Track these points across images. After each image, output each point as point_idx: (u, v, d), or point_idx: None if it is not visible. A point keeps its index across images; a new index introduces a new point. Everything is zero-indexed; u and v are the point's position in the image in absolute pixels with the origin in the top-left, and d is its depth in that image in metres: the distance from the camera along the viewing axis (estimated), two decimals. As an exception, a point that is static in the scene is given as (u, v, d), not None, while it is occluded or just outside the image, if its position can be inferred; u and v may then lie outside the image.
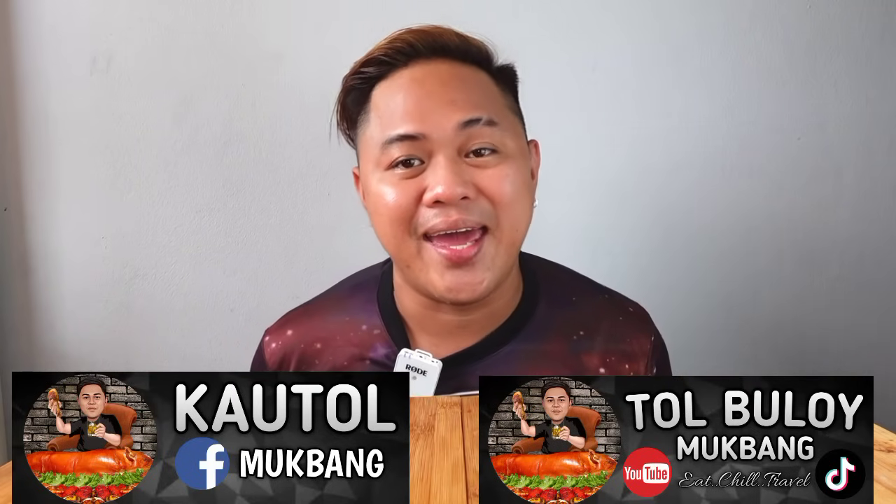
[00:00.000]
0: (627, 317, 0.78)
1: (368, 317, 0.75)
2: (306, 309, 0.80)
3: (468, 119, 0.65)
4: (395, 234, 0.66)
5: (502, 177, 0.65)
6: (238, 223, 1.15)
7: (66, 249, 1.14)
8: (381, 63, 0.69)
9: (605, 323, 0.75)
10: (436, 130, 0.64)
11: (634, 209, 1.18)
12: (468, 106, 0.65)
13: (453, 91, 0.66)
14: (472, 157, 0.66)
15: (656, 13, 1.14)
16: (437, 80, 0.67)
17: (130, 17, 1.11)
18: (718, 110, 1.16)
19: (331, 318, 0.76)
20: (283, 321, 0.79)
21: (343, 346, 0.74)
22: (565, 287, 0.78)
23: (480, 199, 0.65)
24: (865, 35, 1.17)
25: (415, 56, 0.69)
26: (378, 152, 0.67)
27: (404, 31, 0.70)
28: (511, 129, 0.69)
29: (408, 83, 0.67)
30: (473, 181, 0.65)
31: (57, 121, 1.11)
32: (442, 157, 0.64)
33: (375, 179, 0.67)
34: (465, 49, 0.70)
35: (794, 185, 1.19)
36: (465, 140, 0.65)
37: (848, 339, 1.22)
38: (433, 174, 0.64)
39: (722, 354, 1.21)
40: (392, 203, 0.65)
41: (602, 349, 0.74)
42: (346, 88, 0.72)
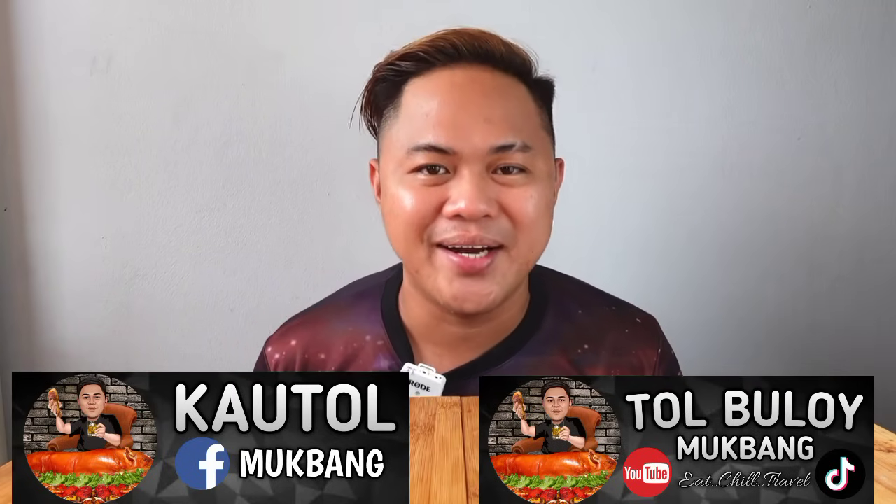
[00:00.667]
0: (634, 328, 0.76)
1: (372, 327, 0.74)
2: (308, 317, 0.78)
3: (503, 144, 0.63)
4: (408, 239, 0.65)
5: (527, 198, 0.64)
6: (238, 223, 1.15)
7: (66, 249, 1.14)
8: (419, 59, 0.66)
9: (611, 335, 0.74)
10: (467, 147, 0.62)
11: (635, 209, 1.18)
12: (504, 128, 0.63)
13: (492, 107, 0.63)
14: (499, 173, 0.64)
15: (656, 13, 1.14)
16: (478, 90, 0.64)
17: (130, 17, 1.11)
18: (718, 110, 1.16)
19: (333, 327, 0.75)
20: (284, 330, 0.78)
21: (346, 356, 0.73)
22: (572, 299, 0.77)
23: (501, 218, 0.63)
24: (865, 35, 1.17)
25: (457, 58, 0.66)
26: (402, 155, 0.64)
27: (449, 30, 0.67)
28: (543, 151, 0.67)
29: (446, 87, 0.65)
30: (498, 199, 0.63)
31: (57, 121, 1.11)
32: (468, 172, 0.62)
33: (395, 180, 0.65)
34: (509, 58, 0.67)
35: (794, 185, 1.19)
36: (496, 159, 0.63)
37: (848, 339, 1.22)
38: (458, 187, 0.62)
39: (722, 354, 1.21)
40: (411, 209, 0.63)
41: (606, 363, 0.73)
42: (376, 78, 0.70)
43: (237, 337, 1.17)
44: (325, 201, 1.15)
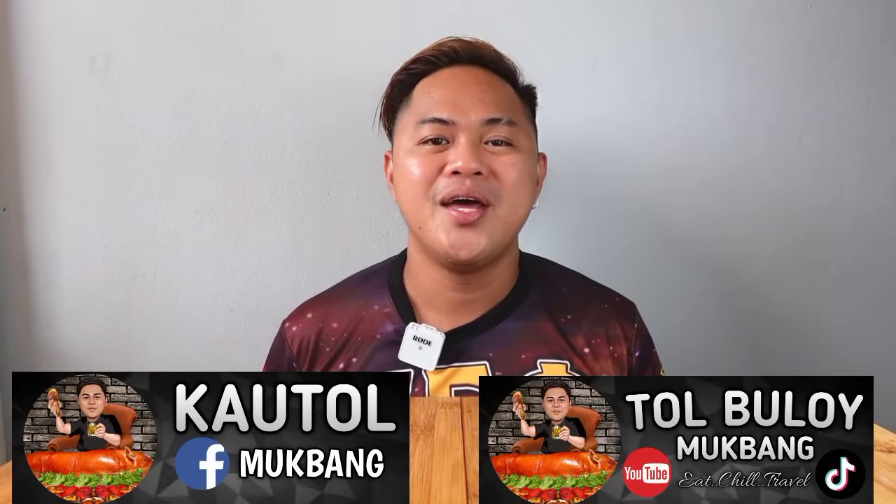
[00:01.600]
0: (613, 305, 0.87)
1: (380, 298, 0.85)
2: (322, 296, 0.90)
3: (492, 117, 0.77)
4: (416, 199, 0.77)
5: (511, 164, 0.77)
6: (238, 223, 1.15)
7: (65, 249, 1.14)
8: (428, 62, 0.82)
9: (592, 309, 0.85)
10: (463, 119, 0.77)
11: (635, 209, 1.18)
12: (494, 106, 0.78)
13: (484, 92, 0.79)
14: (490, 145, 0.78)
15: (656, 13, 1.14)
16: (472, 80, 0.80)
17: (130, 17, 1.10)
18: (718, 110, 1.16)
19: (345, 301, 0.86)
20: (301, 308, 0.89)
21: (356, 323, 0.84)
22: (557, 278, 0.89)
23: (490, 179, 0.76)
24: (865, 35, 1.17)
25: (457, 60, 0.82)
26: (412, 130, 0.79)
27: (452, 38, 0.83)
28: (526, 132, 0.81)
29: (448, 79, 0.80)
30: (487, 162, 0.76)
31: (56, 121, 1.11)
32: (464, 139, 0.76)
33: (405, 151, 0.79)
34: (498, 63, 0.83)
35: (795, 185, 1.19)
36: (487, 132, 0.77)
37: (848, 339, 1.22)
38: (455, 151, 0.76)
39: (722, 354, 1.21)
40: (418, 172, 0.77)
41: (588, 331, 0.83)
42: (393, 83, 0.84)
43: (237, 337, 1.16)
44: (325, 201, 1.15)
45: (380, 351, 0.82)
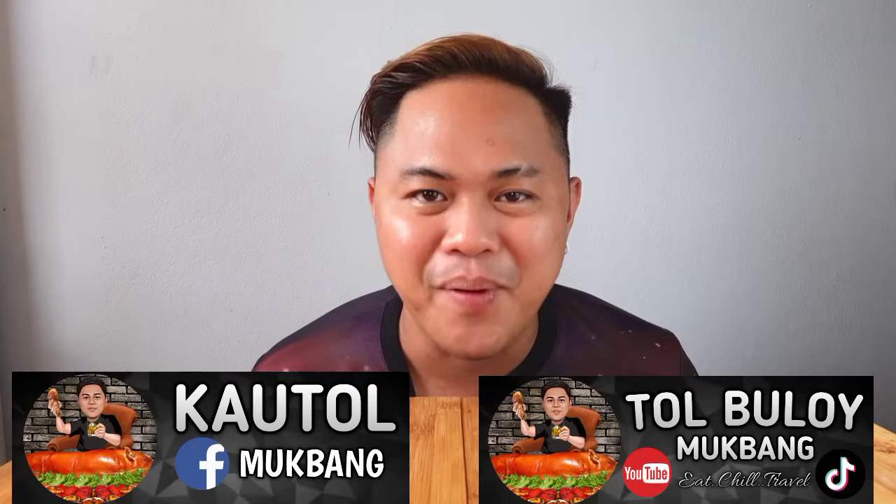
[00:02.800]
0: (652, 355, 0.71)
1: (370, 357, 0.68)
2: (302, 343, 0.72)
3: (506, 169, 0.56)
4: (406, 277, 0.59)
5: (533, 229, 0.57)
6: (238, 223, 1.15)
7: (65, 249, 1.14)
8: (416, 70, 0.59)
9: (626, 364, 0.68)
10: (467, 172, 0.55)
11: (635, 209, 1.18)
12: (508, 150, 0.56)
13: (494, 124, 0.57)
14: (503, 200, 0.57)
15: (656, 14, 1.14)
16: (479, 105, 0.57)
17: (130, 16, 1.10)
18: (718, 110, 1.16)
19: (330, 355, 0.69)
20: (277, 356, 0.71)
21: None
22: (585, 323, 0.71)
23: (503, 253, 0.57)
24: (865, 35, 1.17)
25: (456, 69, 0.59)
26: (397, 179, 0.58)
27: (448, 38, 0.60)
28: (553, 174, 0.60)
29: (444, 103, 0.58)
30: (500, 230, 0.56)
31: (56, 121, 1.11)
32: (467, 200, 0.56)
33: (390, 208, 0.59)
34: (515, 68, 0.60)
35: (794, 186, 1.19)
36: (499, 186, 0.57)
37: (848, 339, 1.22)
38: (456, 217, 0.56)
39: (722, 354, 1.21)
40: (406, 242, 0.57)
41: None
42: (373, 90, 0.63)
43: (237, 337, 1.16)
44: (325, 201, 1.15)
45: None
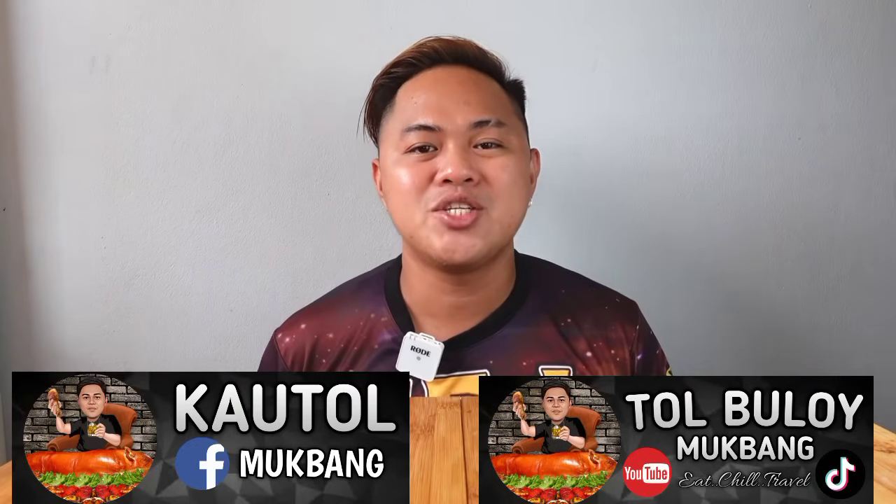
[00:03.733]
0: (613, 307, 0.85)
1: (376, 307, 0.83)
2: (315, 306, 0.87)
3: (480, 119, 0.75)
4: (407, 208, 0.75)
5: (503, 166, 0.75)
6: (238, 223, 1.15)
7: (65, 250, 1.14)
8: (409, 65, 0.79)
9: (592, 311, 0.83)
10: (450, 125, 0.74)
11: (635, 209, 1.18)
12: (480, 108, 0.75)
13: (469, 93, 0.76)
14: (479, 148, 0.75)
15: (656, 13, 1.14)
16: (456, 81, 0.77)
17: (130, 16, 1.10)
18: (718, 110, 1.16)
19: (340, 310, 0.84)
20: (293, 319, 0.86)
21: (352, 332, 0.82)
22: (556, 280, 0.87)
23: (482, 185, 0.74)
24: (865, 35, 1.17)
25: (439, 61, 0.79)
26: (398, 138, 0.76)
27: (432, 38, 0.80)
28: (515, 131, 0.78)
29: (431, 82, 0.78)
30: (478, 167, 0.74)
31: (56, 121, 1.11)
32: (453, 145, 0.74)
33: (393, 160, 0.77)
34: (482, 60, 0.80)
35: (794, 185, 1.19)
36: (475, 135, 0.75)
37: (848, 339, 1.22)
38: (444, 158, 0.74)
39: (722, 354, 1.21)
40: (408, 181, 0.75)
41: (589, 334, 0.82)
42: (375, 87, 0.82)
43: (237, 337, 1.16)
44: (325, 201, 1.15)
45: (378, 361, 0.80)
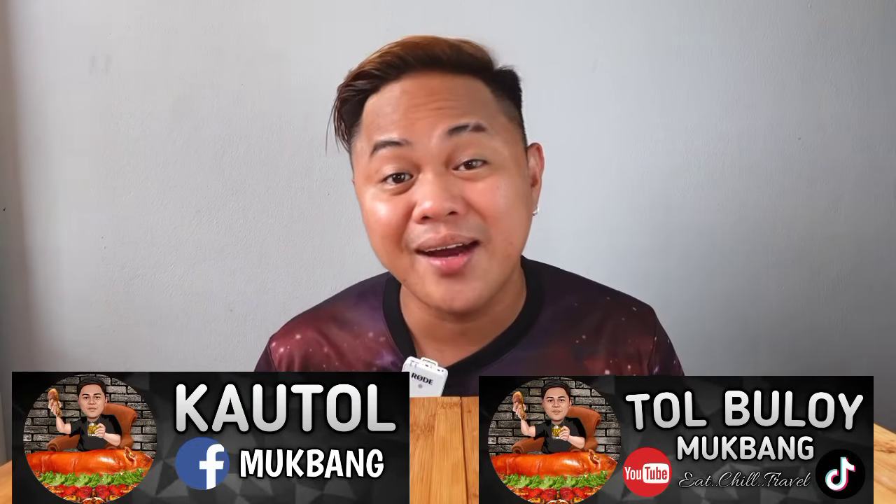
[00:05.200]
0: (630, 317, 0.77)
1: (374, 324, 0.76)
2: (312, 315, 0.80)
3: (454, 126, 0.63)
4: (388, 251, 0.67)
5: (493, 189, 0.64)
6: (238, 223, 1.15)
7: (65, 250, 1.14)
8: (372, 77, 0.68)
9: (608, 325, 0.76)
10: (421, 139, 0.63)
11: (635, 209, 1.18)
12: (454, 113, 0.64)
13: (440, 101, 0.64)
14: (462, 169, 0.64)
15: (656, 13, 1.14)
16: (427, 91, 0.66)
17: (130, 16, 1.10)
18: (718, 110, 1.16)
19: (338, 324, 0.77)
20: (289, 327, 0.79)
21: (350, 352, 0.75)
22: (568, 292, 0.78)
23: (470, 214, 0.64)
24: (865, 35, 1.17)
25: (405, 69, 0.67)
26: (366, 162, 0.67)
27: (395, 43, 0.68)
28: (503, 135, 0.67)
29: (397, 95, 0.66)
30: (463, 195, 0.63)
31: (56, 120, 1.11)
32: (429, 172, 0.63)
33: (368, 195, 0.68)
34: (456, 59, 0.67)
35: (794, 185, 1.19)
36: (453, 150, 0.64)
37: (848, 339, 1.22)
38: (420, 189, 0.63)
39: (722, 354, 1.21)
40: (383, 219, 0.65)
41: (605, 352, 0.74)
42: (340, 99, 0.73)
43: (237, 337, 1.16)
44: (325, 201, 1.15)
45: None
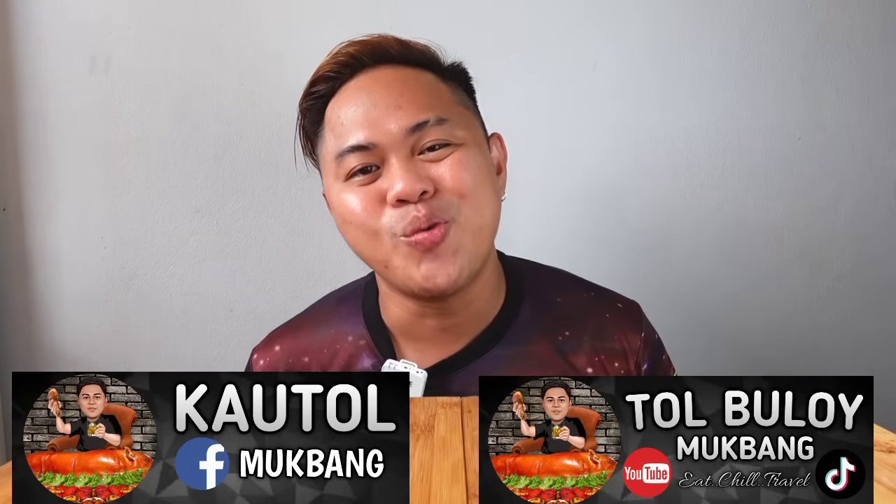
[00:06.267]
0: (615, 313, 0.77)
1: (353, 328, 0.76)
2: (291, 325, 0.80)
3: (416, 123, 0.66)
4: (366, 240, 0.67)
5: (457, 164, 0.66)
6: (238, 223, 1.15)
7: (65, 250, 1.14)
8: (328, 79, 0.71)
9: (592, 321, 0.75)
10: (385, 137, 0.65)
11: (635, 209, 1.18)
12: (414, 110, 0.66)
13: (398, 96, 0.67)
14: (426, 153, 0.66)
15: (656, 13, 1.14)
16: (381, 84, 0.68)
17: (130, 16, 1.10)
18: (718, 110, 1.16)
19: (317, 332, 0.77)
20: (269, 339, 0.80)
21: (330, 358, 0.75)
22: (549, 286, 0.78)
23: (441, 194, 0.65)
24: (865, 35, 1.17)
25: (359, 67, 0.70)
26: (335, 165, 0.68)
27: (346, 43, 0.72)
28: (462, 122, 0.69)
29: (354, 93, 0.69)
30: (430, 176, 0.65)
31: (56, 121, 1.11)
32: (395, 159, 0.65)
33: (337, 191, 0.69)
34: (406, 54, 0.70)
35: (794, 186, 1.19)
36: (417, 141, 0.66)
37: (847, 340, 1.22)
38: (389, 176, 0.65)
39: (722, 354, 1.21)
40: (358, 210, 0.66)
41: (589, 348, 0.73)
42: (302, 111, 0.74)
43: (237, 337, 1.16)
44: (325, 201, 1.15)
45: None
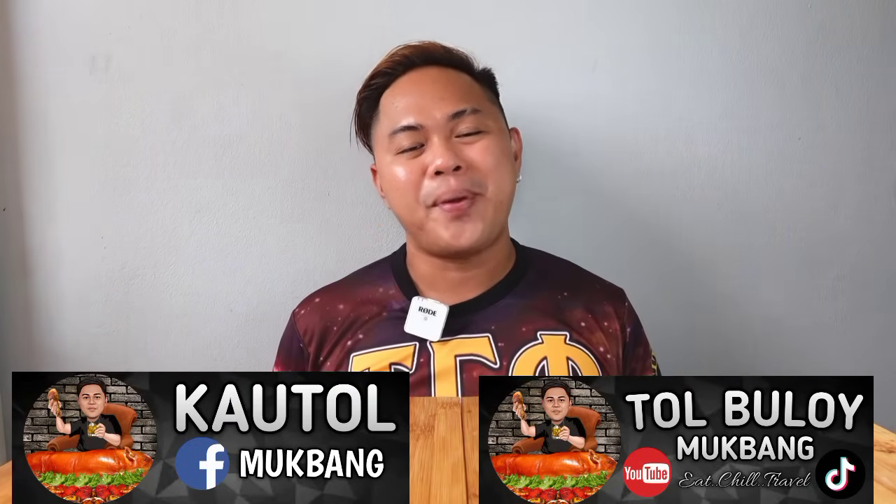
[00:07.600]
0: (603, 288, 0.94)
1: (384, 282, 0.92)
2: (330, 285, 0.96)
3: (456, 111, 0.83)
4: (409, 203, 0.84)
5: (485, 149, 0.83)
6: (238, 223, 1.15)
7: (65, 250, 1.14)
8: (385, 75, 0.88)
9: (584, 290, 0.91)
10: (430, 121, 0.83)
11: (634, 209, 1.18)
12: (455, 100, 0.83)
13: (442, 89, 0.84)
14: (462, 137, 0.83)
15: (656, 13, 1.14)
16: (429, 80, 0.86)
17: (130, 16, 1.10)
18: (718, 110, 1.16)
19: (352, 287, 0.94)
20: (310, 296, 0.95)
21: (363, 304, 0.90)
22: (549, 261, 0.96)
23: (471, 171, 0.82)
24: (865, 35, 1.17)
25: (410, 66, 0.88)
26: (388, 142, 0.85)
27: (402, 47, 0.89)
28: (492, 115, 0.87)
29: (407, 86, 0.87)
30: (463, 155, 0.82)
31: (56, 120, 1.11)
32: (436, 139, 0.82)
33: (387, 163, 0.86)
34: (448, 57, 0.89)
35: (794, 186, 1.19)
36: (455, 126, 0.83)
37: (847, 339, 1.22)
38: (431, 152, 0.82)
39: (721, 354, 1.21)
40: (404, 179, 0.83)
41: (583, 307, 0.89)
42: (359, 100, 0.92)
43: (237, 337, 1.16)
44: (325, 201, 1.15)
45: (387, 322, 0.87)
